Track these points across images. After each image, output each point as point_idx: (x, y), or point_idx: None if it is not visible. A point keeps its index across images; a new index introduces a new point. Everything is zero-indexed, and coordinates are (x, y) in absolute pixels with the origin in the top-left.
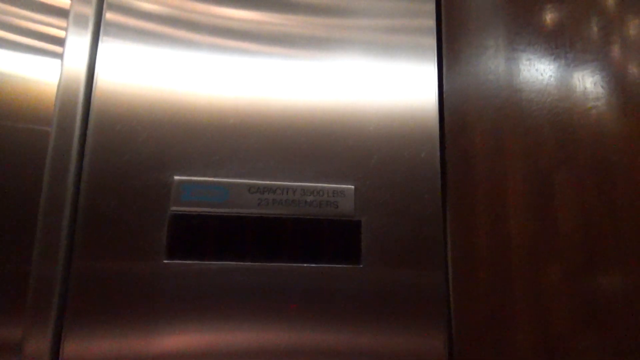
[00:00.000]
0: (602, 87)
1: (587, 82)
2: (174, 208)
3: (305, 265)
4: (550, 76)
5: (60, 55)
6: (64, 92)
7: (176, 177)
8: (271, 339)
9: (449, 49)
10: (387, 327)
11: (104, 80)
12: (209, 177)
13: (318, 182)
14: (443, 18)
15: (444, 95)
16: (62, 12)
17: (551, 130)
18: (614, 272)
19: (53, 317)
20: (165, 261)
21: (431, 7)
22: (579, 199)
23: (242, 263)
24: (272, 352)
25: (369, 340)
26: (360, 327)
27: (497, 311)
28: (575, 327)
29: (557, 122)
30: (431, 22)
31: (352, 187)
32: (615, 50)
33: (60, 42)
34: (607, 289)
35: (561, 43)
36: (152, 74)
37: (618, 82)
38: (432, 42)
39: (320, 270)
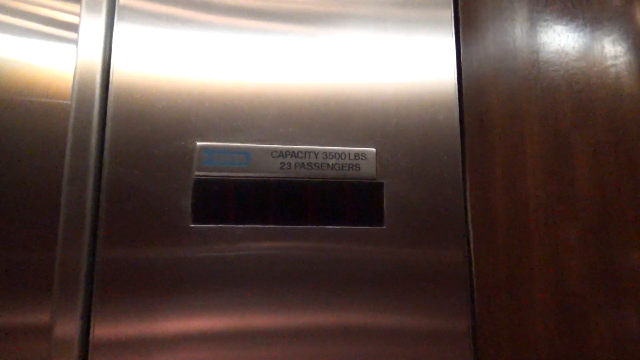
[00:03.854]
0: (620, 45)
1: (605, 41)
2: (197, 173)
3: (329, 227)
4: (568, 36)
5: (74, 41)
6: (82, 70)
7: (198, 143)
8: (295, 300)
9: (466, 14)
10: (410, 289)
11: (120, 60)
12: (230, 142)
13: (339, 146)
14: None
15: (462, 60)
16: None
17: (568, 90)
18: (630, 231)
19: (81, 293)
20: (191, 225)
21: None
22: (595, 160)
23: (265, 226)
24: (297, 314)
25: (392, 302)
26: (383, 289)
27: (515, 270)
28: (591, 286)
29: (574, 82)
30: None
31: (374, 149)
32: (635, 7)
33: (75, 27)
34: (624, 249)
35: (578, 2)
36: (169, 53)
37: (637, 40)
38: (449, 10)
39: (343, 232)
